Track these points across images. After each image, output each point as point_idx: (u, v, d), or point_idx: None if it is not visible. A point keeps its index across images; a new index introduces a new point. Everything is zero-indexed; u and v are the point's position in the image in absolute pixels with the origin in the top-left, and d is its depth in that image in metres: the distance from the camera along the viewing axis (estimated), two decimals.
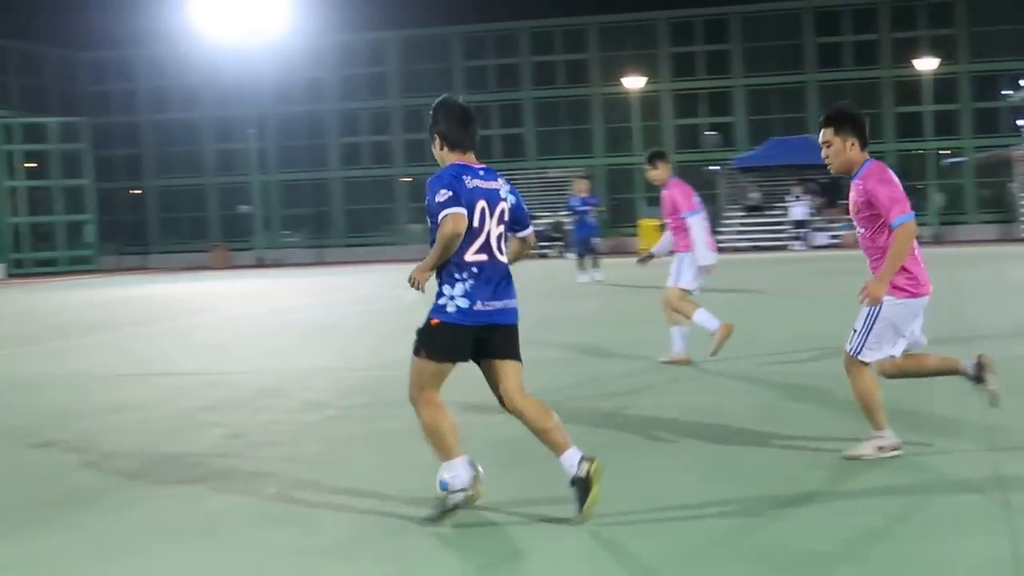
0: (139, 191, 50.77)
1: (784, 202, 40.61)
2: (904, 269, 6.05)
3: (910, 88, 44.80)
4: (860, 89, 45.35)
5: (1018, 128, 45.95)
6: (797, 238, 39.26)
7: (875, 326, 6.09)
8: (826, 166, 6.39)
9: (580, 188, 25.85)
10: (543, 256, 39.74)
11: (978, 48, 45.20)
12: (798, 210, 39.62)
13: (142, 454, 7.30)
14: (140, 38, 49.46)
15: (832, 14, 46.64)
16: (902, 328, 6.11)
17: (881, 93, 45.63)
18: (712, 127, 48.02)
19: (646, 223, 42.04)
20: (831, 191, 41.16)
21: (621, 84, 45.53)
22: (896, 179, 6.19)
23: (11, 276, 41.99)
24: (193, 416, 8.72)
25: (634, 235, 42.25)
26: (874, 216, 6.09)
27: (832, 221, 40.61)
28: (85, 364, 12.60)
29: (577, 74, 48.38)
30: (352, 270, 35.87)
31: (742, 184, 44.37)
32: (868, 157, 6.26)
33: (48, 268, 43.54)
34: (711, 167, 46.36)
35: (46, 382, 11.15)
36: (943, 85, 44.34)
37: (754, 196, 43.08)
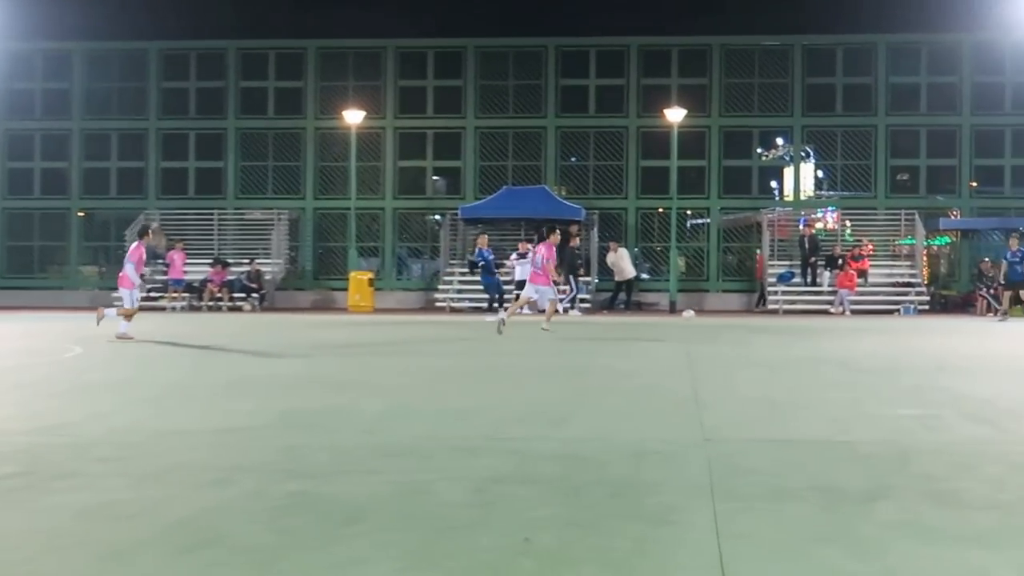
0: None
1: (513, 259, 41.21)
2: None
3: (657, 139, 46.56)
4: (601, 138, 46.97)
5: (770, 189, 48.45)
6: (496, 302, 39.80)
7: None
8: (561, 220, 6.82)
9: (482, 242, 37.22)
10: (238, 308, 39.37)
11: (731, 100, 47.46)
12: (521, 269, 39.69)
13: None
14: None
15: (577, 55, 48.09)
16: None
17: (626, 143, 47.26)
18: (439, 171, 48.68)
19: (357, 276, 42.19)
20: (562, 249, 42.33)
21: (340, 117, 45.70)
22: None
23: None
24: None
25: (344, 289, 42.37)
26: None
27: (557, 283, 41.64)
28: None
29: (291, 104, 48.32)
30: (13, 317, 34.70)
31: (468, 236, 45.07)
32: None
33: None
34: (435, 216, 47.01)
35: None
36: (692, 138, 46.28)
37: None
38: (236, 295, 41.57)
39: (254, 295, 41.61)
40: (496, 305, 36.94)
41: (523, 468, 8.60)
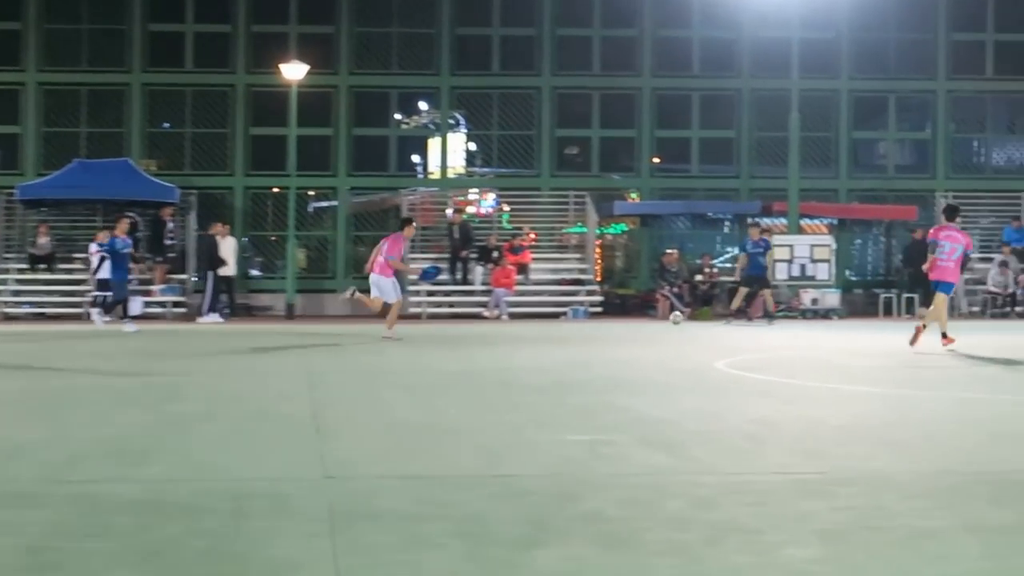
0: None
1: (88, 252, 39.98)
2: None
3: (271, 101, 46.34)
4: (201, 98, 46.51)
5: (412, 165, 48.97)
6: (96, 304, 38.32)
7: None
8: (150, 203, 6.70)
9: (121, 228, 34.72)
10: None
11: (363, 54, 47.67)
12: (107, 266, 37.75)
13: None
14: None
15: None
16: None
17: (232, 105, 46.91)
18: None
19: None
20: (155, 240, 41.56)
21: None
22: None
23: None
24: None
25: None
26: None
27: (152, 281, 40.87)
28: None
29: None
30: None
31: (28, 224, 43.93)
32: None
33: None
34: None
35: None
36: (315, 101, 46.25)
37: (44, 242, 42.55)
38: None
39: None
40: (101, 310, 36.00)
41: (91, 519, 8.39)
